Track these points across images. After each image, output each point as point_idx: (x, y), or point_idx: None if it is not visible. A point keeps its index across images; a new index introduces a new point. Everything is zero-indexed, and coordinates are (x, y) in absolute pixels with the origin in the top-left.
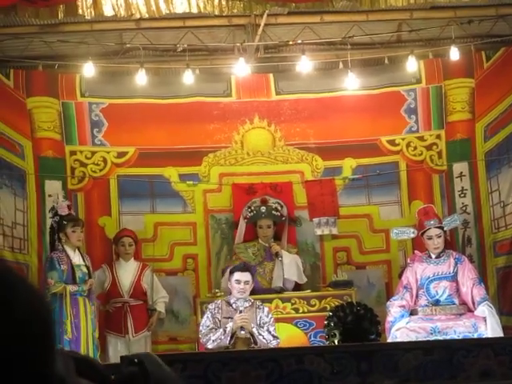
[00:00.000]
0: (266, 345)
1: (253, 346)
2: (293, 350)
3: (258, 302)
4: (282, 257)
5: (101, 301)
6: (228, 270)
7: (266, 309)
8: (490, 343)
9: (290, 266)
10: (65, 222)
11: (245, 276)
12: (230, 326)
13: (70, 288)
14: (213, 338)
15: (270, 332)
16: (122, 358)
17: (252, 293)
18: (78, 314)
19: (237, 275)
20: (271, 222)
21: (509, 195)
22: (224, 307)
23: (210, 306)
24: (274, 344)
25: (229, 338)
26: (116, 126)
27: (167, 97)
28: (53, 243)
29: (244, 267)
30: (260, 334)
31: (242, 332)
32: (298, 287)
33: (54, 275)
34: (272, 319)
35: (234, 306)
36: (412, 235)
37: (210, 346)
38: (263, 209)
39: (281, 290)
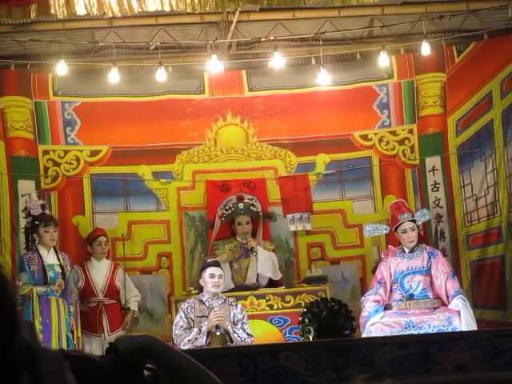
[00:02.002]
0: (240, 343)
1: (228, 343)
2: (268, 346)
3: (231, 299)
4: (256, 252)
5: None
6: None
7: (240, 305)
8: (463, 336)
9: (265, 262)
10: (37, 223)
11: (218, 270)
12: (205, 325)
13: (39, 289)
14: (188, 338)
15: (244, 330)
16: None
17: (227, 289)
18: (50, 314)
19: (210, 270)
20: (249, 218)
21: (481, 189)
22: (197, 306)
23: (182, 306)
24: (248, 342)
25: (205, 338)
26: (89, 124)
27: (140, 95)
28: (28, 244)
29: (216, 262)
30: (235, 332)
31: (218, 331)
32: (273, 284)
33: (22, 277)
34: (246, 316)
35: (206, 303)
36: (385, 231)
37: (184, 346)
38: (241, 205)
39: (255, 286)
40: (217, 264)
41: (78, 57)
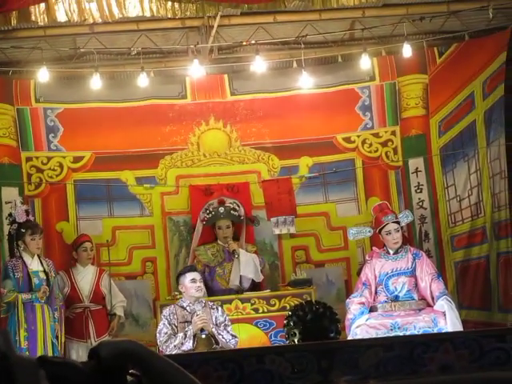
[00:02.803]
0: (225, 344)
1: (215, 346)
2: (253, 350)
3: (211, 303)
4: (238, 254)
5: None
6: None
7: (220, 308)
8: (449, 337)
9: (247, 264)
10: (23, 230)
11: (197, 275)
12: (189, 329)
13: (23, 296)
14: (174, 343)
15: (228, 331)
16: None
17: (211, 294)
18: (35, 321)
19: (190, 275)
20: (230, 223)
21: (465, 189)
22: (179, 312)
23: (164, 313)
24: (232, 343)
25: (191, 341)
26: (72, 130)
27: (122, 100)
28: (12, 250)
29: (193, 267)
30: (219, 334)
31: (203, 334)
32: (257, 287)
33: (7, 284)
34: (227, 318)
35: (188, 309)
36: (369, 234)
37: (171, 352)
38: (221, 209)
39: (238, 289)
40: (194, 269)
41: (59, 63)
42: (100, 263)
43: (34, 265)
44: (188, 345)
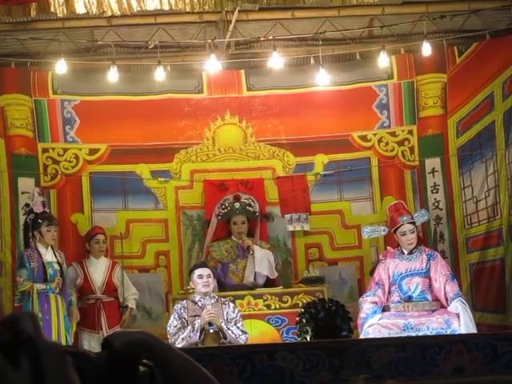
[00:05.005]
0: (235, 339)
1: (223, 341)
2: (265, 346)
3: (223, 299)
4: (253, 251)
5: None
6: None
7: (232, 304)
8: (462, 339)
9: (262, 261)
10: (40, 221)
11: (206, 271)
12: (198, 322)
13: (38, 286)
14: (182, 336)
15: (238, 327)
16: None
17: (224, 289)
18: (50, 311)
19: (198, 271)
20: (245, 218)
21: (482, 191)
22: (190, 306)
23: (175, 307)
24: (242, 339)
25: (198, 334)
26: (88, 122)
27: (139, 93)
28: (27, 240)
29: (203, 263)
30: (229, 329)
31: (211, 328)
32: (270, 283)
33: (22, 273)
34: (239, 314)
35: (199, 303)
36: (383, 233)
37: (179, 345)
38: (237, 205)
39: (252, 286)
40: (204, 265)
41: (77, 55)
42: (113, 255)
43: (48, 255)
44: (195, 337)
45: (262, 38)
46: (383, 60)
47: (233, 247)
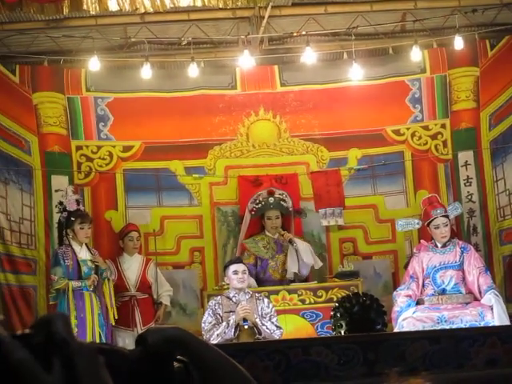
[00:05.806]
0: (269, 335)
1: (257, 336)
2: (300, 341)
3: (258, 294)
4: (296, 243)
5: None
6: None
7: (266, 299)
8: (496, 331)
9: (305, 252)
10: (73, 219)
11: (241, 266)
12: (232, 318)
13: (74, 284)
14: (217, 332)
15: (272, 322)
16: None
17: (261, 285)
18: (84, 308)
19: (233, 267)
20: (279, 213)
21: None
22: (224, 302)
23: (210, 304)
24: (277, 334)
25: (233, 330)
26: (121, 120)
27: (172, 90)
28: (61, 238)
29: (238, 259)
30: (263, 325)
31: (246, 324)
32: (304, 279)
33: (57, 271)
34: (273, 309)
35: (234, 299)
36: (417, 226)
37: (214, 341)
38: (271, 200)
39: (295, 278)
40: (239, 260)
41: (110, 52)
42: (147, 252)
43: (82, 253)
44: (230, 334)
45: (295, 34)
46: (416, 54)
47: (269, 243)
